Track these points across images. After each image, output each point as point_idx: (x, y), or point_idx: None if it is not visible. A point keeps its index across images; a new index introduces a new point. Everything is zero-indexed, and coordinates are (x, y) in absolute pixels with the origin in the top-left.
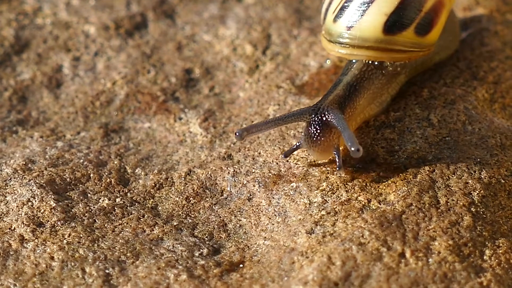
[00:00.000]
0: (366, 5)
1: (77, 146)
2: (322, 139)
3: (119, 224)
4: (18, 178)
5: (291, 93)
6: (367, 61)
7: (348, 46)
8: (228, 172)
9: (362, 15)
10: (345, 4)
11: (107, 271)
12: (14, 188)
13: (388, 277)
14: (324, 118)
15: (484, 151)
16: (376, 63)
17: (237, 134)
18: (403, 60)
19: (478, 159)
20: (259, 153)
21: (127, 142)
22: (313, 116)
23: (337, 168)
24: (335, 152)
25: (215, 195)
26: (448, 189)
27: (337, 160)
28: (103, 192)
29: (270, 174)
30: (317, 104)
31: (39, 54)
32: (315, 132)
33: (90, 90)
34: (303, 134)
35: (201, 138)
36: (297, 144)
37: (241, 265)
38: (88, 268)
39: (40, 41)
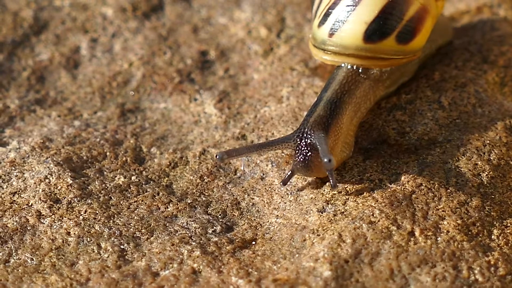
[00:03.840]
0: (347, 13)
1: (94, 125)
2: (313, 163)
3: (134, 201)
4: (35, 156)
5: (304, 75)
6: (349, 73)
7: (330, 53)
8: None
9: (343, 23)
10: (329, 11)
11: (122, 246)
12: (32, 166)
13: (398, 255)
14: (309, 142)
15: (493, 133)
16: (360, 70)
17: (217, 157)
18: (386, 67)
19: (488, 141)
20: (273, 134)
21: (143, 122)
22: (299, 141)
23: (332, 187)
24: (327, 172)
25: (229, 174)
26: (457, 170)
27: (331, 180)
28: (119, 170)
29: (283, 154)
30: (300, 129)
31: (57, 35)
32: (304, 158)
33: (107, 70)
34: (292, 161)
35: (215, 118)
36: (291, 171)
37: (253, 242)
38: (104, 243)
39: (58, 23)
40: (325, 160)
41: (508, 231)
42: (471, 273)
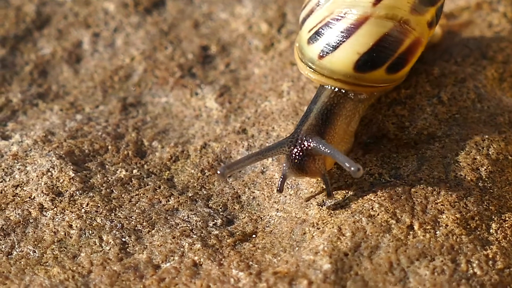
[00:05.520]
0: (341, 39)
1: (96, 119)
2: (307, 170)
3: (135, 195)
4: (38, 149)
5: None
6: (337, 91)
7: (317, 73)
8: (243, 146)
9: (334, 49)
10: (321, 30)
11: (123, 239)
12: (34, 159)
13: (397, 248)
14: (305, 148)
15: (492, 128)
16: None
17: (219, 172)
18: (372, 92)
19: (486, 136)
20: (273, 128)
21: (144, 116)
22: (292, 148)
23: (327, 196)
24: (322, 180)
25: None
26: (456, 164)
27: (326, 188)
28: (120, 163)
29: None
30: (293, 135)
31: (59, 30)
32: (298, 164)
33: (109, 65)
34: (285, 166)
35: (216, 112)
36: (283, 176)
37: (253, 236)
38: (105, 236)
39: (61, 17)
40: (353, 169)
41: (506, 225)
42: (469, 266)
